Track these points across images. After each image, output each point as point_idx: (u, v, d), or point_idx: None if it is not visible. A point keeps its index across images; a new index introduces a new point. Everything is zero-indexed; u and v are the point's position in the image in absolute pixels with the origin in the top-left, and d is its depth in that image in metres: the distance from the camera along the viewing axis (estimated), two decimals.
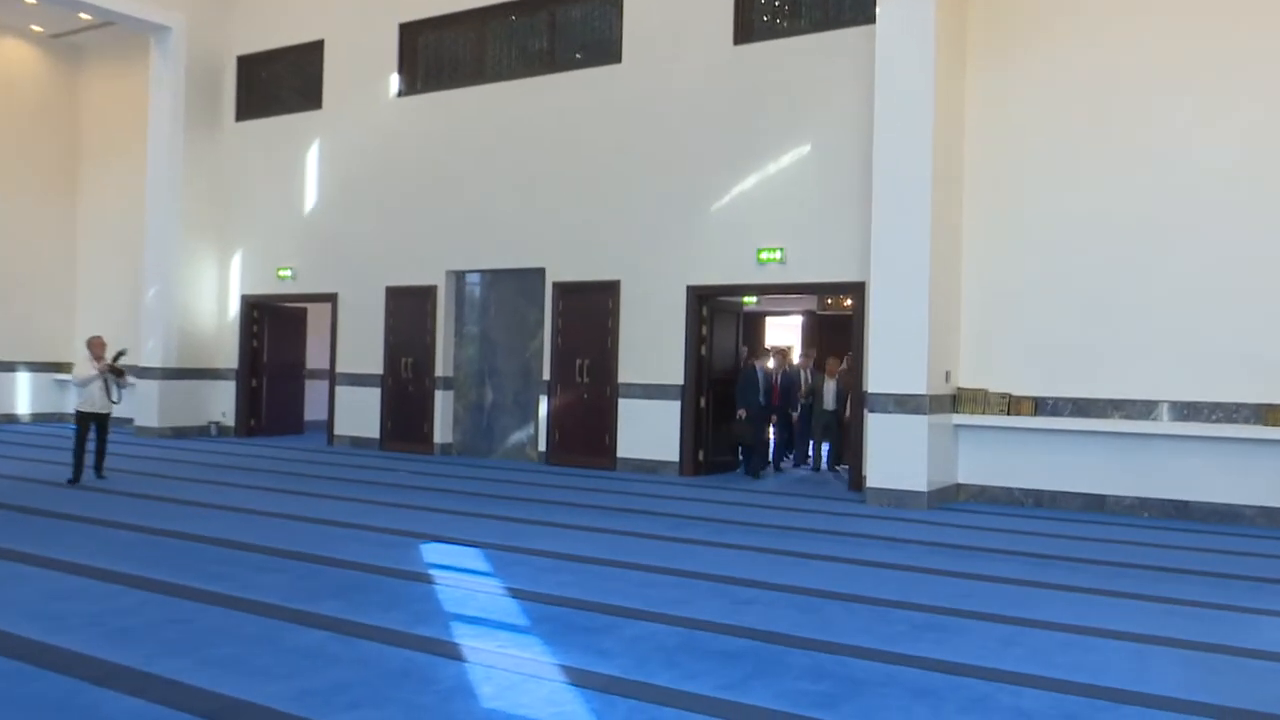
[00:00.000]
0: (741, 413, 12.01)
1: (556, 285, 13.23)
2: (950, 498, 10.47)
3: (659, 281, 12.42)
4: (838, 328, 16.47)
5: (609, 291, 12.80)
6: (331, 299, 15.42)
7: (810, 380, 13.06)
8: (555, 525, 8.63)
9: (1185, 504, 9.71)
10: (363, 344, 15.00)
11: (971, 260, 10.66)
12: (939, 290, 10.11)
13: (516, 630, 5.25)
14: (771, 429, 13.07)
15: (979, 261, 10.62)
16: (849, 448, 11.93)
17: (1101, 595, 6.33)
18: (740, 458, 12.68)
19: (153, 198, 16.20)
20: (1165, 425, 9.68)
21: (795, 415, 13.16)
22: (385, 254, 14.75)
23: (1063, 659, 4.95)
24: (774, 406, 12.56)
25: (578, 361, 13.02)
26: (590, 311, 12.97)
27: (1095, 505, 10.05)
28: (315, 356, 17.17)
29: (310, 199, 15.63)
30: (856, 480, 11.05)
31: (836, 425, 12.76)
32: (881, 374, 10.05)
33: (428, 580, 6.34)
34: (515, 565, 6.89)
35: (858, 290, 11.14)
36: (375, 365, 14.88)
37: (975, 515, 9.73)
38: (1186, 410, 9.72)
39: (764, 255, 11.70)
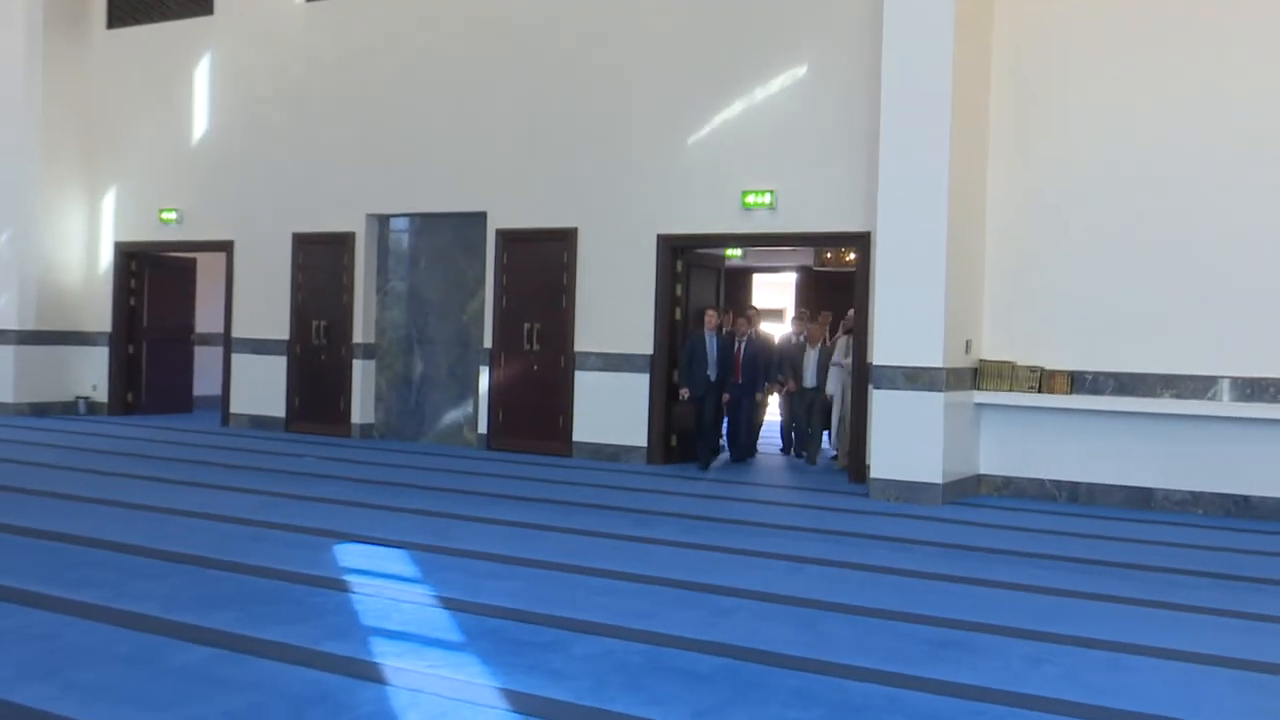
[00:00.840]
0: (684, 392, 11.92)
1: (501, 234, 13.16)
2: (970, 491, 10.58)
3: (624, 230, 12.39)
4: (839, 287, 16.54)
5: (564, 241, 12.76)
6: (226, 248, 15.26)
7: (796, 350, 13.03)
8: (497, 522, 8.62)
9: (1246, 499, 9.87)
10: (265, 303, 14.87)
11: (998, 209, 10.73)
12: (959, 243, 10.15)
13: (449, 647, 5.24)
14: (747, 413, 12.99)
15: (1007, 210, 10.69)
16: (844, 433, 11.99)
17: (1146, 606, 6.42)
18: (713, 444, 12.79)
19: (2, 123, 15.90)
20: (1225, 406, 9.81)
21: (761, 395, 12.97)
22: (293, 194, 14.60)
23: (1099, 681, 5.02)
24: (737, 384, 12.13)
25: (526, 326, 12.99)
26: (541, 265, 12.92)
27: (1141, 501, 10.19)
28: (207, 318, 17.03)
29: (200, 126, 15.41)
30: (858, 471, 11.13)
31: (821, 406, 12.71)
32: (889, 343, 10.10)
33: (342, 588, 6.32)
34: (448, 570, 6.88)
35: (862, 242, 11.17)
36: (280, 329, 14.76)
37: (999, 512, 9.84)
38: (1250, 389, 9.85)
39: (751, 199, 11.70)
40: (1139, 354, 10.21)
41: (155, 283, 16.46)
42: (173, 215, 15.60)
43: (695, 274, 12.81)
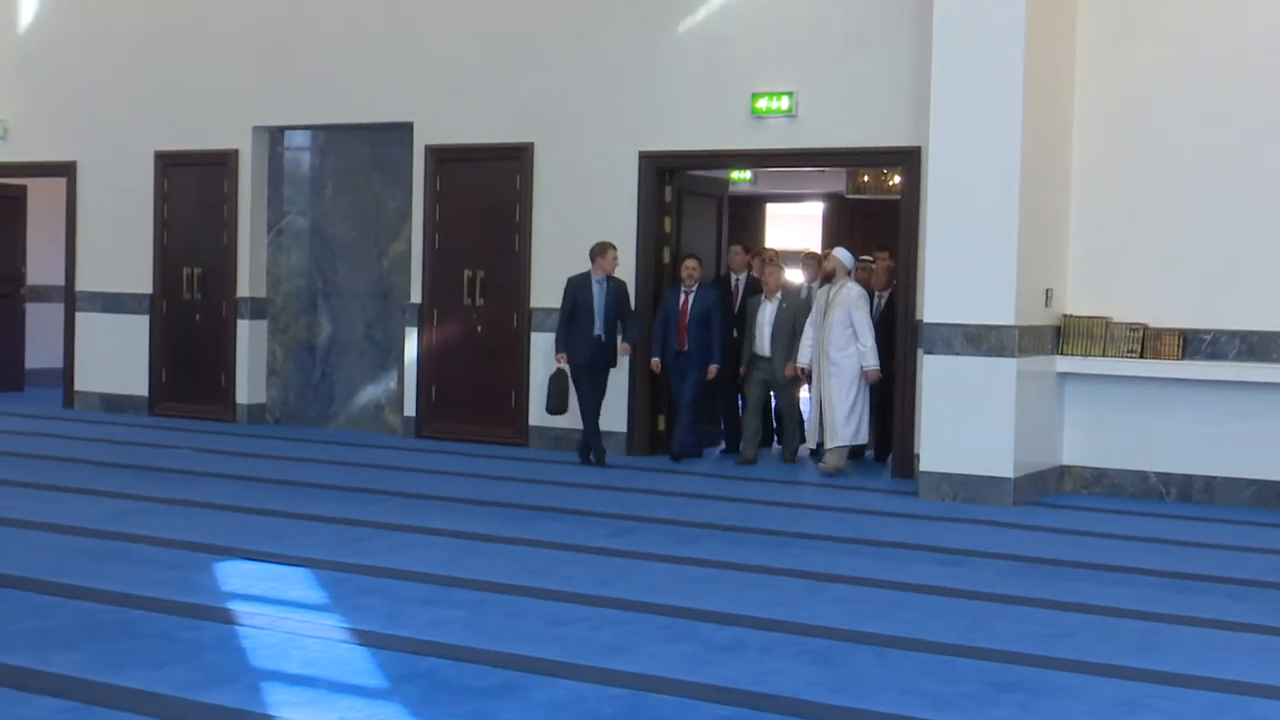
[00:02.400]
0: (560, 359, 11.79)
1: (432, 151, 13.17)
2: (1049, 487, 10.70)
3: (595, 145, 12.41)
4: (877, 220, 16.59)
5: (516, 162, 12.78)
6: (66, 172, 15.23)
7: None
8: (429, 532, 8.68)
9: None
10: (119, 245, 14.87)
11: (1088, 119, 10.78)
12: (1036, 164, 10.22)
13: (366, 695, 5.31)
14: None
15: (1099, 121, 10.75)
16: (837, 421, 11.72)
17: (1271, 635, 6.52)
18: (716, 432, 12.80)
19: None
20: None
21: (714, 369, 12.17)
22: (154, 101, 14.57)
23: None
24: (680, 353, 11.93)
25: (467, 274, 13.03)
26: (486, 194, 12.94)
27: (1274, 499, 10.33)
28: (41, 266, 16.98)
29: (27, 9, 15.34)
30: (904, 462, 11.24)
31: (779, 383, 12.13)
32: (945, 294, 10.19)
33: (226, 618, 6.37)
34: (365, 594, 6.93)
35: (909, 161, 11.23)
36: (140, 280, 14.77)
37: (1086, 514, 9.94)
38: None
39: (763, 104, 11.74)
40: (1273, 308, 10.30)
41: None
42: None
43: (690, 204, 12.84)
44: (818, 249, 16.80)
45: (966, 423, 10.12)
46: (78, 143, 15.12)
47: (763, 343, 12.03)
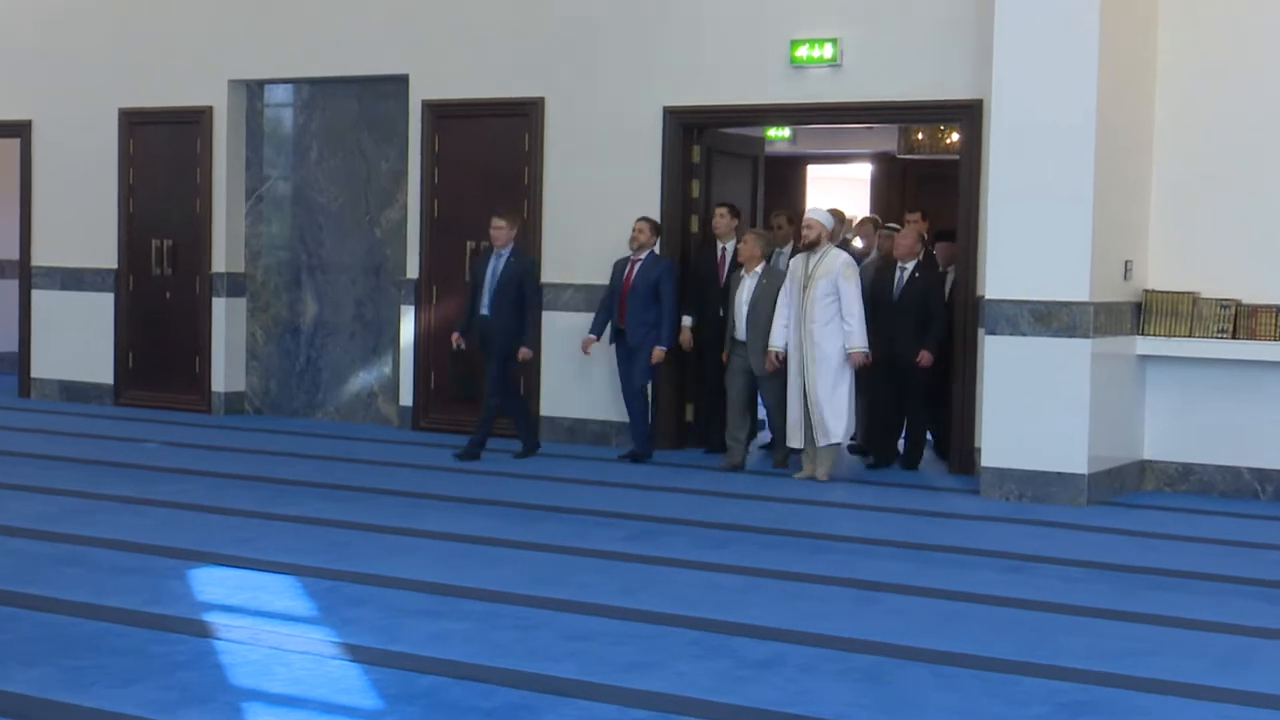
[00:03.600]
0: (456, 338, 11.76)
1: (430, 108, 13.17)
2: (1129, 485, 10.70)
3: (614, 101, 12.40)
4: (932, 183, 16.54)
5: (524, 119, 12.77)
6: (20, 132, 15.26)
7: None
8: (427, 535, 8.71)
9: None
10: (80, 215, 14.91)
11: (1171, 73, 10.75)
12: (1114, 119, 10.19)
13: (359, 718, 5.33)
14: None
15: (1185, 74, 10.71)
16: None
17: None
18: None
19: None
20: None
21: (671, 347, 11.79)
22: (118, 52, 14.59)
23: None
24: (619, 332, 11.70)
25: (469, 246, 13.02)
26: (491, 155, 12.93)
27: None
28: None
29: None
30: (963, 457, 11.24)
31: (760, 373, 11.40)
32: (1009, 266, 10.18)
33: (202, 631, 6.40)
34: (356, 604, 6.96)
35: (969, 116, 11.19)
36: (104, 253, 14.81)
37: (1170, 516, 9.93)
38: None
39: (803, 52, 11.71)
40: None
41: None
42: None
43: (721, 165, 12.81)
44: (866, 214, 16.73)
45: (1034, 412, 10.09)
46: (32, 99, 15.14)
47: (740, 325, 11.40)
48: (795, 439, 11.06)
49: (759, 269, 11.30)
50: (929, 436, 12.12)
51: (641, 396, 11.83)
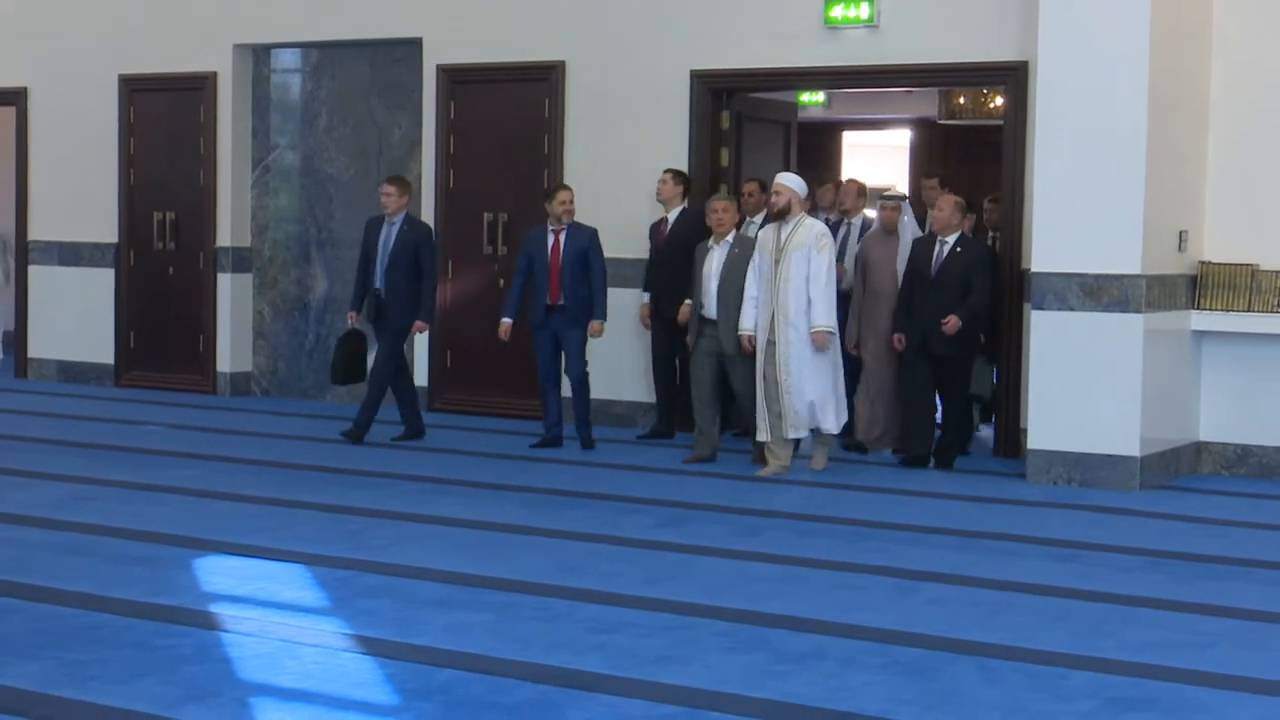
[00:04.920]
0: (351, 317, 11.74)
1: (445, 72, 13.16)
2: (1184, 468, 10.66)
3: (638, 63, 12.36)
4: (975, 150, 16.50)
5: (545, 84, 12.76)
6: (15, 100, 15.29)
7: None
8: (442, 521, 8.72)
9: None
10: (78, 186, 14.94)
11: (1229, 34, 10.69)
12: (1168, 83, 10.14)
13: (373, 712, 5.35)
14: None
15: (1243, 37, 10.66)
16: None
17: None
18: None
19: None
20: None
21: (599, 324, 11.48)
22: (118, 15, 14.60)
23: None
24: (551, 308, 11.32)
25: (488, 218, 13.03)
26: (510, 123, 12.92)
27: None
28: None
29: None
30: (1009, 440, 11.21)
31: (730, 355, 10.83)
32: (1057, 238, 10.15)
33: (208, 623, 6.41)
34: (370, 595, 6.97)
35: (1014, 79, 11.15)
36: (103, 227, 14.84)
37: (1227, 500, 9.90)
38: None
39: (838, 12, 11.66)
40: None
41: None
42: None
43: (752, 131, 12.78)
44: (904, 184, 16.70)
45: (1083, 392, 10.06)
46: (28, 65, 15.16)
47: (709, 301, 10.81)
48: (762, 430, 10.47)
49: (730, 238, 10.79)
50: (979, 428, 11.99)
51: (587, 381, 11.51)
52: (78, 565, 7.44)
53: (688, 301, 11.23)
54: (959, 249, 10.75)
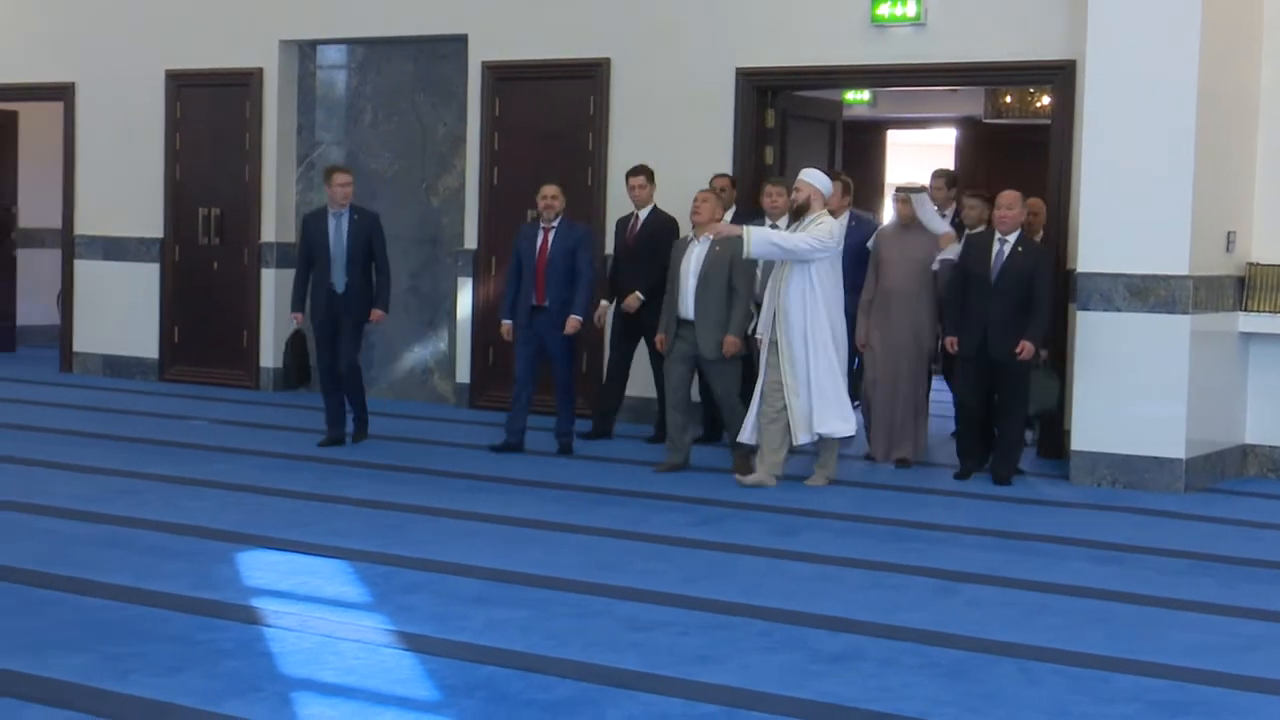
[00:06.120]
0: (296, 318, 11.38)
1: (490, 70, 13.18)
2: (1229, 471, 10.63)
3: (683, 62, 12.35)
4: (1021, 149, 16.42)
5: (589, 81, 12.76)
6: (63, 95, 15.39)
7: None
8: (483, 519, 8.75)
9: None
10: (124, 181, 15.02)
11: (1279, 34, 10.64)
12: (1217, 82, 10.10)
13: (414, 708, 5.37)
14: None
15: None
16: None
17: None
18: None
19: None
20: None
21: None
22: (165, 12, 14.67)
23: None
24: (538, 309, 11.02)
25: (531, 215, 12.98)
26: (554, 120, 12.93)
27: None
28: (35, 205, 17.19)
29: None
30: (1053, 441, 11.18)
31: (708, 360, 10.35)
32: (1103, 239, 10.11)
33: (249, 617, 6.45)
34: (410, 590, 7.01)
35: (1062, 78, 11.10)
36: (149, 222, 14.92)
37: (1274, 504, 9.86)
38: None
39: (884, 10, 11.63)
40: None
41: None
42: None
43: (796, 130, 12.76)
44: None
45: (1129, 393, 10.02)
46: (76, 61, 15.23)
47: (686, 300, 10.26)
48: (752, 435, 9.94)
49: (709, 234, 10.15)
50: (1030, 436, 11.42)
51: (571, 385, 11.16)
52: (119, 558, 7.50)
53: (636, 293, 11.12)
54: (1020, 249, 10.08)
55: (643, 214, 11.58)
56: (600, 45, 12.69)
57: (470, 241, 13.33)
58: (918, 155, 20.50)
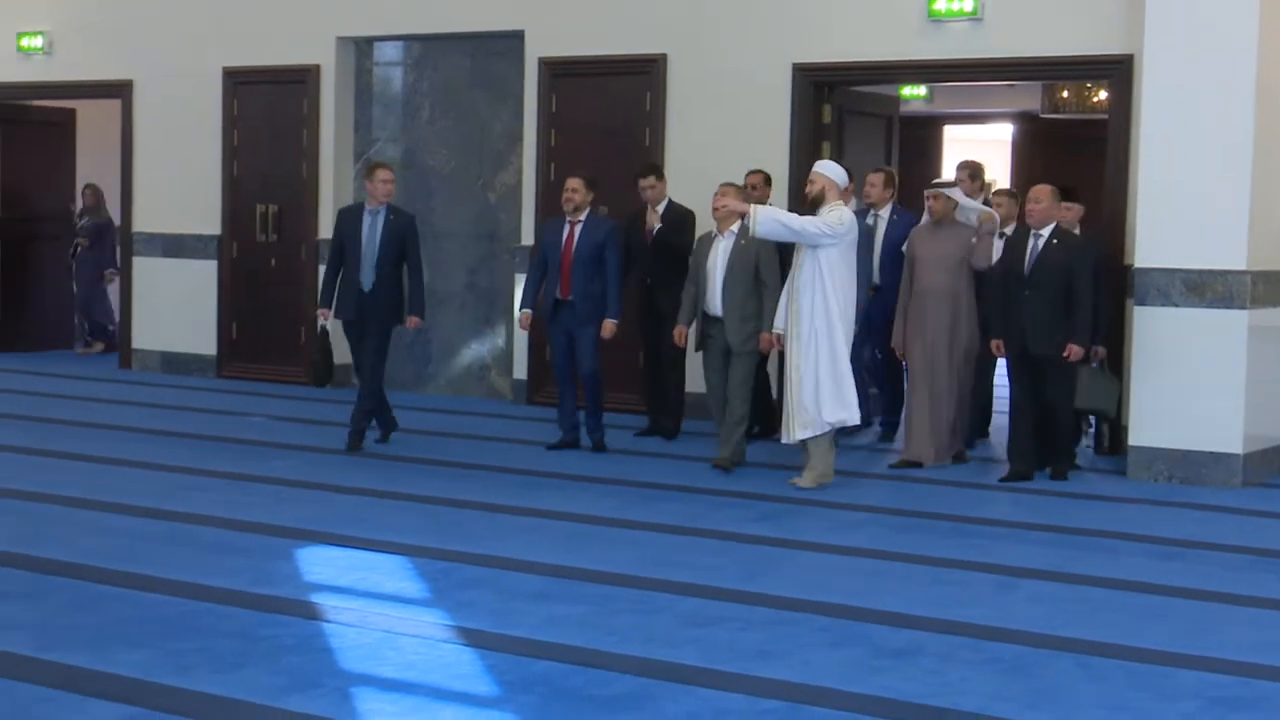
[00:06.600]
0: (323, 314, 11.08)
1: (546, 66, 13.19)
2: None
3: (740, 57, 12.34)
4: (1078, 144, 16.36)
5: (645, 77, 12.76)
6: (121, 92, 15.49)
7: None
8: (541, 514, 8.78)
9: None
10: (182, 178, 15.10)
11: None
12: (1275, 74, 10.04)
13: (473, 703, 5.39)
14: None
15: None
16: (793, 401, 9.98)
17: None
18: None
19: None
20: None
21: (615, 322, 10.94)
22: (222, 9, 14.73)
23: None
24: (562, 302, 10.86)
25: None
26: (611, 116, 12.94)
27: None
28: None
29: None
30: (1111, 437, 11.11)
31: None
32: (1161, 233, 10.07)
33: (310, 613, 6.51)
34: (469, 586, 7.05)
35: (1119, 73, 11.05)
36: (207, 219, 15.00)
37: None
38: None
39: (941, 5, 11.59)
40: None
41: (10, 146, 16.68)
42: (38, 41, 15.81)
43: (854, 126, 12.74)
44: (1006, 180, 16.56)
45: (1186, 388, 9.98)
46: (133, 59, 15.31)
47: (714, 297, 10.23)
48: (787, 433, 9.73)
49: (735, 228, 10.09)
50: (1090, 433, 11.47)
51: (597, 380, 10.97)
52: (181, 554, 7.56)
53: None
54: (1055, 241, 9.92)
55: (660, 209, 11.48)
56: (657, 41, 12.70)
57: (527, 238, 13.33)
58: (974, 151, 20.40)
